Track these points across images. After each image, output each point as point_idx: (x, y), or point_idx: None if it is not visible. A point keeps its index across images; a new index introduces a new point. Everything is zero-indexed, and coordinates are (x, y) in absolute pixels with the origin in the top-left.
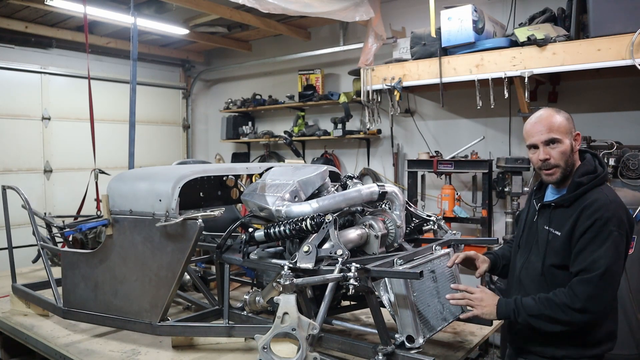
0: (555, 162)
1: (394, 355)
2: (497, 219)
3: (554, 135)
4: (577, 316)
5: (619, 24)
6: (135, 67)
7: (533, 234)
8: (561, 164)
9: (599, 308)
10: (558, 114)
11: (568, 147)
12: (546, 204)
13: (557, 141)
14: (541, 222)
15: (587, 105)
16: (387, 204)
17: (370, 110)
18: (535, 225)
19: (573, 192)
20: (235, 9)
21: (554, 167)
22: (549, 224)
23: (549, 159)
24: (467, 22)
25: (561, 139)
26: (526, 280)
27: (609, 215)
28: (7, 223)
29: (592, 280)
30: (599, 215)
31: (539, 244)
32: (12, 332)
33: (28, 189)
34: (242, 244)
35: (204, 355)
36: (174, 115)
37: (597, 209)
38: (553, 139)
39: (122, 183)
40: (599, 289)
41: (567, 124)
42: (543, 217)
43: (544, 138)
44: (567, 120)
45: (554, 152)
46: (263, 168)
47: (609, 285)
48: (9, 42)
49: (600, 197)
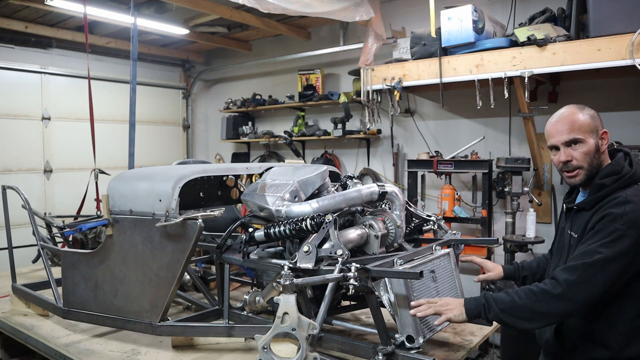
0: (578, 163)
1: (394, 355)
2: (497, 219)
3: (575, 136)
4: (555, 303)
5: (619, 24)
6: (135, 67)
7: (562, 239)
8: (584, 165)
9: (580, 297)
10: (581, 112)
11: (592, 147)
12: (570, 208)
13: (580, 141)
14: (567, 227)
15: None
16: (387, 204)
17: (370, 110)
18: (563, 231)
19: (595, 195)
20: (235, 9)
21: (577, 169)
22: (571, 228)
23: (570, 160)
24: (467, 22)
25: (584, 138)
26: None
27: (619, 213)
28: (7, 223)
29: (577, 267)
30: (608, 212)
31: (564, 249)
32: (12, 332)
33: (28, 189)
34: (242, 244)
35: (204, 355)
36: (174, 115)
37: (610, 206)
38: (575, 139)
39: (122, 183)
40: (585, 277)
41: (591, 122)
42: (568, 221)
43: (565, 139)
44: (591, 117)
45: (576, 153)
46: (263, 168)
47: (597, 276)
48: (9, 42)
49: (619, 196)
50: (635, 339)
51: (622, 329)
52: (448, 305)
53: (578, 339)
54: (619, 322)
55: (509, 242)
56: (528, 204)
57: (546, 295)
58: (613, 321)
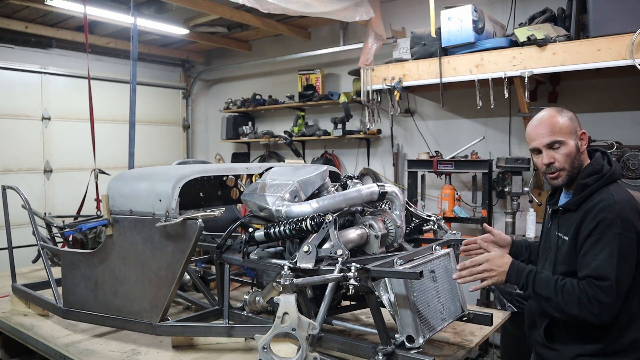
0: (560, 165)
1: (394, 355)
2: (497, 219)
3: (556, 138)
4: (588, 317)
5: (619, 24)
6: (135, 67)
7: (548, 240)
8: (566, 167)
9: (608, 315)
10: (560, 115)
11: (573, 148)
12: (556, 209)
13: (561, 143)
14: (553, 228)
15: (587, 105)
16: (387, 204)
17: (370, 110)
18: (549, 232)
19: (579, 195)
20: (235, 9)
21: (559, 171)
22: (558, 229)
23: (553, 162)
24: (467, 22)
25: (564, 140)
26: None
27: (613, 217)
28: (7, 223)
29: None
30: (602, 217)
31: (551, 250)
32: (12, 332)
33: (28, 189)
34: (242, 244)
35: (204, 355)
36: (174, 115)
37: (601, 210)
38: (556, 141)
39: (122, 183)
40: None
41: (570, 123)
42: (554, 222)
43: (547, 141)
44: (570, 120)
45: (557, 155)
46: (263, 168)
47: (619, 292)
48: (9, 42)
49: (605, 198)
50: (626, 331)
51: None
52: (492, 270)
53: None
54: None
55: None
56: (528, 204)
57: (583, 306)
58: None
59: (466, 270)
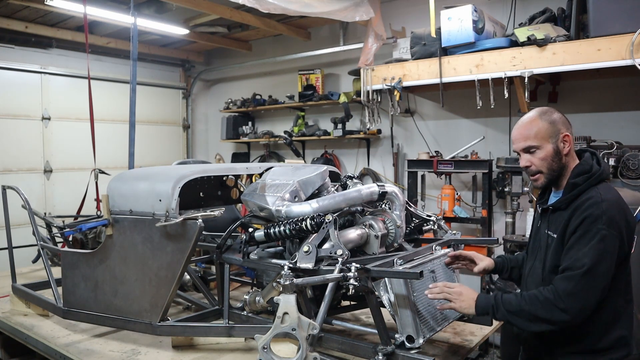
0: (536, 168)
1: (394, 355)
2: (497, 219)
3: (530, 143)
4: (557, 314)
5: (619, 24)
6: (135, 67)
7: (538, 239)
8: (543, 170)
9: (578, 307)
10: (541, 118)
11: (550, 151)
12: (546, 208)
13: (537, 147)
14: (543, 227)
15: (587, 105)
16: (387, 204)
17: (370, 110)
18: (539, 231)
19: (568, 194)
20: (235, 9)
21: (537, 173)
22: (548, 228)
23: (529, 166)
24: (467, 22)
25: (539, 145)
26: (531, 287)
27: (599, 213)
28: (7, 223)
29: (574, 277)
30: (588, 213)
31: (541, 249)
32: (12, 332)
33: (28, 189)
34: (242, 244)
35: (204, 355)
36: (174, 115)
37: (588, 207)
38: (530, 146)
39: (122, 183)
40: (581, 287)
41: (549, 127)
42: (544, 221)
43: (522, 146)
44: (550, 123)
45: (534, 158)
46: (263, 168)
47: (592, 284)
48: (9, 42)
49: (593, 196)
50: (611, 329)
51: (605, 319)
52: (461, 295)
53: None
54: (603, 313)
55: (509, 242)
56: (528, 204)
57: (549, 305)
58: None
59: (438, 288)
